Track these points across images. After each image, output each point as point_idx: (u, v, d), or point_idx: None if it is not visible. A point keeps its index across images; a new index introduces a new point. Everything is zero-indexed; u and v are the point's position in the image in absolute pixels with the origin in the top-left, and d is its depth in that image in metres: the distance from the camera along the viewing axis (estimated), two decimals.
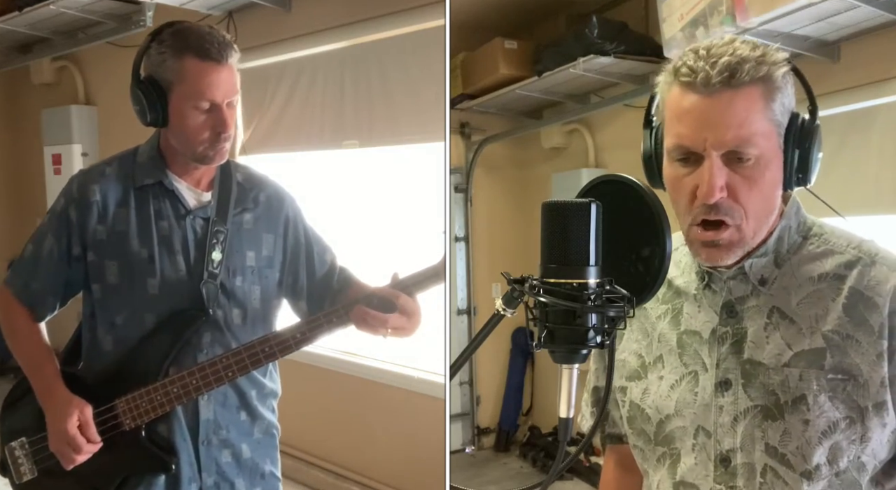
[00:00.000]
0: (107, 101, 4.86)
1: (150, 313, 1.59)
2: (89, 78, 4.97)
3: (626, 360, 1.23)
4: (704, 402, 1.13)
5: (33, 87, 5.21)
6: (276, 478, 1.76)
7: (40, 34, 4.53)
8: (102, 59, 4.70)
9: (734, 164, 1.04)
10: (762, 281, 1.12)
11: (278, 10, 3.74)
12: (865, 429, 1.05)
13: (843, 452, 1.06)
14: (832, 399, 1.05)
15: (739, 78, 1.02)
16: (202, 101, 1.53)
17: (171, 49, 1.53)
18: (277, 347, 1.58)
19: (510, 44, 4.24)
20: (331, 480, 3.89)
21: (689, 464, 1.14)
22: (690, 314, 1.17)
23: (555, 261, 0.89)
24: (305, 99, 3.86)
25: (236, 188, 1.66)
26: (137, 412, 1.56)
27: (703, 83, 1.03)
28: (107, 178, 1.63)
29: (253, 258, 1.66)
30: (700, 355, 1.15)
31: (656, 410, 1.18)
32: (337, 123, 3.74)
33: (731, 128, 1.03)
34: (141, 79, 1.56)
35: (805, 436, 1.05)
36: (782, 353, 1.08)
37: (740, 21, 2.71)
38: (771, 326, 1.10)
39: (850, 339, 1.06)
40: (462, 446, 5.08)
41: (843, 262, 1.10)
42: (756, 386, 1.09)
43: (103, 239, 1.60)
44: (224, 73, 1.54)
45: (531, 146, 4.98)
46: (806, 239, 1.13)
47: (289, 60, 3.80)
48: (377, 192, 3.75)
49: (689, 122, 1.05)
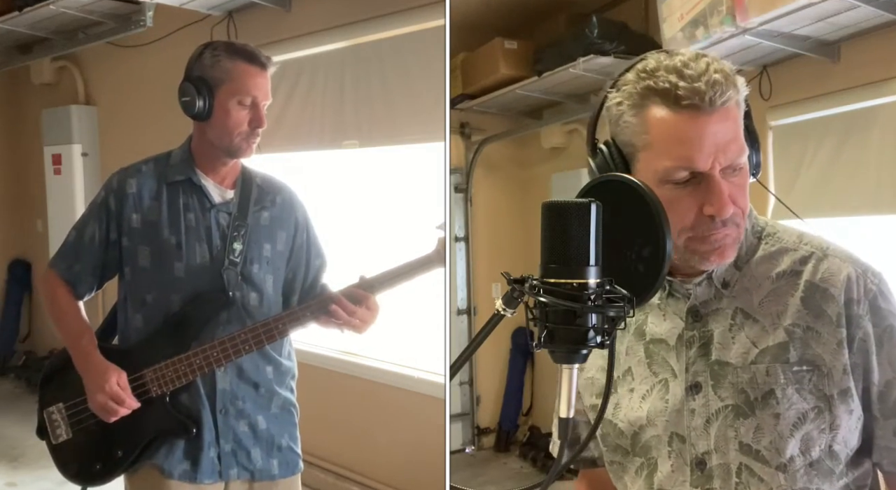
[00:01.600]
0: (107, 100, 4.87)
1: (177, 294, 1.79)
2: (89, 78, 4.97)
3: (594, 378, 1.24)
4: (676, 407, 1.14)
5: (33, 87, 5.22)
6: (294, 452, 1.94)
7: (40, 34, 4.53)
8: (102, 59, 4.71)
9: (729, 174, 1.07)
10: (725, 284, 1.14)
11: (278, 10, 3.74)
12: (833, 417, 1.08)
13: (814, 442, 1.08)
14: (799, 391, 1.08)
15: (732, 95, 1.04)
16: (247, 97, 1.78)
17: (224, 53, 1.80)
18: (290, 324, 1.78)
19: (510, 44, 4.24)
20: (331, 480, 3.89)
21: (666, 471, 1.15)
22: (655, 323, 1.19)
23: (555, 261, 0.89)
24: (305, 99, 3.86)
25: (256, 189, 1.87)
26: (164, 381, 1.77)
27: (704, 103, 1.03)
28: (143, 174, 1.85)
29: (269, 250, 1.86)
30: (668, 362, 1.16)
31: (629, 423, 1.19)
32: (337, 123, 3.74)
33: (732, 144, 1.05)
34: (193, 76, 1.79)
35: (777, 429, 1.08)
36: (748, 351, 1.11)
37: (740, 21, 2.71)
38: (736, 327, 1.13)
39: (810, 331, 1.09)
40: (462, 446, 5.09)
41: (797, 258, 1.13)
42: (725, 386, 1.11)
43: (137, 227, 1.81)
44: (265, 79, 1.82)
45: (531, 146, 4.99)
46: (760, 240, 1.16)
47: (289, 60, 3.80)
48: (377, 192, 3.74)
49: (698, 145, 1.03)
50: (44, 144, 4.93)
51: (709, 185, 1.05)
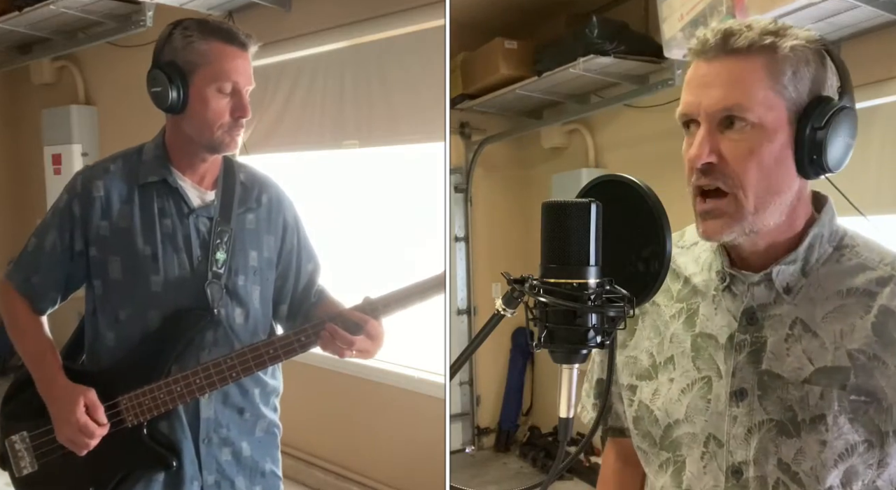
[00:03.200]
0: (107, 101, 4.85)
1: (154, 310, 1.59)
2: (89, 78, 4.95)
3: (638, 358, 1.19)
4: (718, 410, 1.09)
5: (33, 87, 5.20)
6: (276, 476, 1.76)
7: (40, 34, 4.51)
8: (102, 59, 4.69)
9: (728, 129, 1.02)
10: (787, 289, 1.07)
11: (278, 9, 3.74)
12: (884, 454, 1.02)
13: (857, 476, 1.02)
14: (852, 421, 1.01)
15: (734, 42, 1.02)
16: (226, 83, 1.56)
17: (197, 33, 1.56)
18: (282, 350, 1.59)
19: (510, 44, 4.24)
20: (331, 481, 3.89)
21: (696, 472, 1.11)
22: (707, 316, 1.13)
23: (555, 261, 0.89)
24: (305, 98, 3.86)
25: (240, 188, 1.67)
26: (140, 409, 1.57)
27: (702, 48, 1.04)
28: (111, 174, 1.63)
29: (255, 258, 1.67)
30: (715, 361, 1.10)
31: (665, 414, 1.14)
32: (337, 123, 3.73)
33: (723, 92, 1.01)
34: (162, 62, 1.57)
35: (821, 457, 1.02)
36: (803, 367, 1.04)
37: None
38: (793, 338, 1.05)
39: (876, 360, 1.01)
40: (462, 446, 5.08)
41: (874, 278, 1.05)
42: (773, 399, 1.05)
43: (106, 235, 1.61)
44: (246, 61, 1.59)
45: (531, 146, 4.98)
46: (837, 250, 1.08)
47: (289, 60, 3.80)
48: (377, 192, 3.74)
49: (690, 88, 1.05)
50: (44, 144, 4.91)
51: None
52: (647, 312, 1.19)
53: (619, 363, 1.22)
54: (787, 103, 1.02)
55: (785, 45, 1.01)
